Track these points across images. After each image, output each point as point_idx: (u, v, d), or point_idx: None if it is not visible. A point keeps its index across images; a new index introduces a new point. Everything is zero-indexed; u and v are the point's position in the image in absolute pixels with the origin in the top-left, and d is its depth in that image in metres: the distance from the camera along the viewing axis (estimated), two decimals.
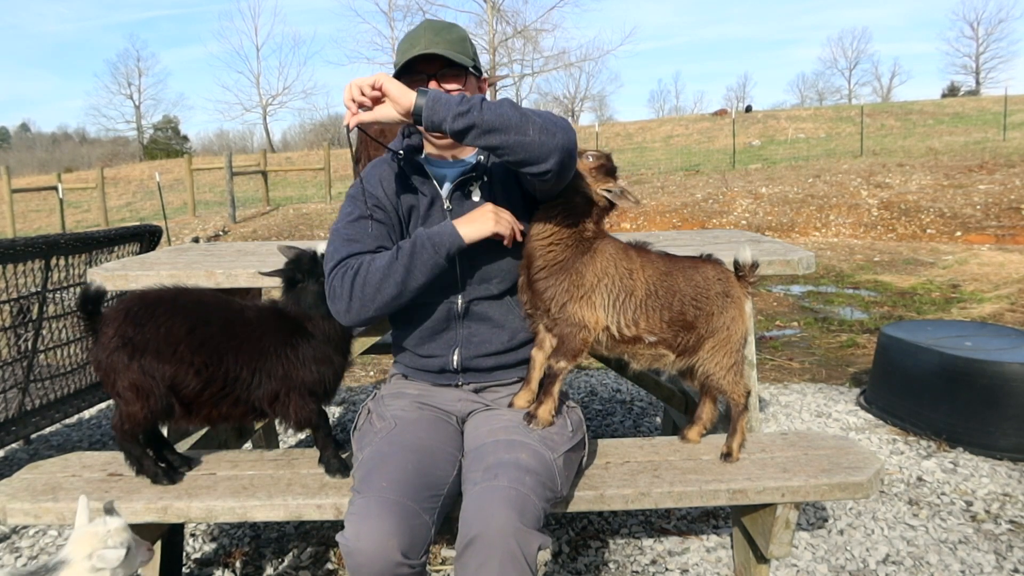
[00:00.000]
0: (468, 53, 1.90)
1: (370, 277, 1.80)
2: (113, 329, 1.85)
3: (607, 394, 4.34)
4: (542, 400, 1.91)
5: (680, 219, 13.24)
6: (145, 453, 2.00)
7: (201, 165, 21.87)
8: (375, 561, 1.53)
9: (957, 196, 12.70)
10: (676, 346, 2.02)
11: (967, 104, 31.91)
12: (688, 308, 1.99)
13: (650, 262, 1.99)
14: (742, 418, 2.11)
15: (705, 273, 2.04)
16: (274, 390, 1.95)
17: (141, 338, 1.84)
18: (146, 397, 1.86)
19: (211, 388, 1.89)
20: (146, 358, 1.84)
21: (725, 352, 2.06)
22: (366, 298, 1.81)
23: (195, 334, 1.87)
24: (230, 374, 1.90)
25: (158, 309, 1.88)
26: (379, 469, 1.69)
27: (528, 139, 1.59)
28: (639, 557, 2.54)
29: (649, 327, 1.96)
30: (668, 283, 1.98)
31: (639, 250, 2.01)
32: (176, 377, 1.86)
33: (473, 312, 1.95)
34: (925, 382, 3.55)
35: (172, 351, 1.85)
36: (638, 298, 1.94)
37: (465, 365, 1.98)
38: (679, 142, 27.55)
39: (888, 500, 2.91)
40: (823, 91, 66.68)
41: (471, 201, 1.93)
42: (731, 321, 2.04)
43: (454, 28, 1.90)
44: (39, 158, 52.37)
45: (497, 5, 29.39)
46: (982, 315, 6.05)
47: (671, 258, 2.05)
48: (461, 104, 1.56)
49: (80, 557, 1.59)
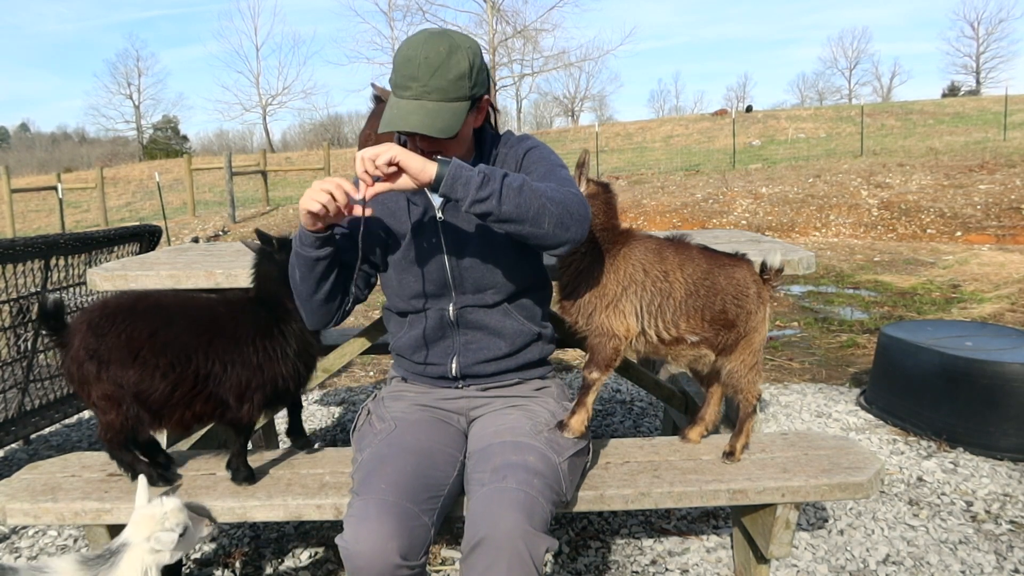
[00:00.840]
0: (465, 91, 1.71)
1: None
2: (78, 341, 1.85)
3: (607, 394, 4.34)
4: (575, 410, 1.89)
5: (680, 219, 13.24)
6: (137, 458, 1.99)
7: (201, 165, 21.87)
8: (374, 563, 1.52)
9: (957, 196, 12.70)
10: (717, 344, 2.00)
11: (967, 104, 31.91)
12: (730, 306, 1.96)
13: (690, 260, 1.95)
14: (750, 420, 2.11)
15: (742, 271, 2.02)
16: (246, 380, 1.94)
17: (104, 348, 1.84)
18: (119, 405, 1.87)
19: (181, 388, 1.89)
20: (111, 368, 1.84)
21: (749, 351, 2.05)
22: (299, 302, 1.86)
23: (157, 337, 1.87)
24: (201, 371, 1.90)
25: (118, 317, 1.87)
26: (378, 471, 1.68)
27: (542, 231, 1.61)
28: (639, 557, 2.54)
29: (691, 327, 1.94)
30: (710, 281, 1.94)
31: (677, 247, 1.96)
32: (142, 383, 1.86)
33: (467, 320, 1.93)
34: (925, 382, 3.55)
35: (134, 357, 1.84)
36: (677, 299, 1.90)
37: (464, 372, 1.97)
38: (679, 142, 27.55)
39: (888, 500, 2.91)
40: (823, 91, 66.77)
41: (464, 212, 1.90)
42: (760, 322, 2.03)
43: (452, 60, 1.67)
44: (38, 158, 52.38)
45: (497, 5, 29.39)
46: (982, 315, 6.05)
47: (712, 255, 2.01)
48: (482, 189, 1.55)
49: (140, 539, 1.64)
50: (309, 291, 1.81)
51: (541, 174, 1.82)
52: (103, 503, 1.92)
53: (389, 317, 2.04)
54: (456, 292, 1.91)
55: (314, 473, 2.06)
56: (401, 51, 1.71)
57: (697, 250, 1.99)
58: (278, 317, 2.01)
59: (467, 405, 1.99)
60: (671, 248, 1.96)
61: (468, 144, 1.88)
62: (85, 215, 20.99)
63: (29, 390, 2.93)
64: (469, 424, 1.98)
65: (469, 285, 1.90)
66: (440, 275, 1.89)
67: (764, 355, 5.00)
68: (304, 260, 1.75)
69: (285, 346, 2.00)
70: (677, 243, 1.99)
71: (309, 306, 1.85)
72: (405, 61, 1.69)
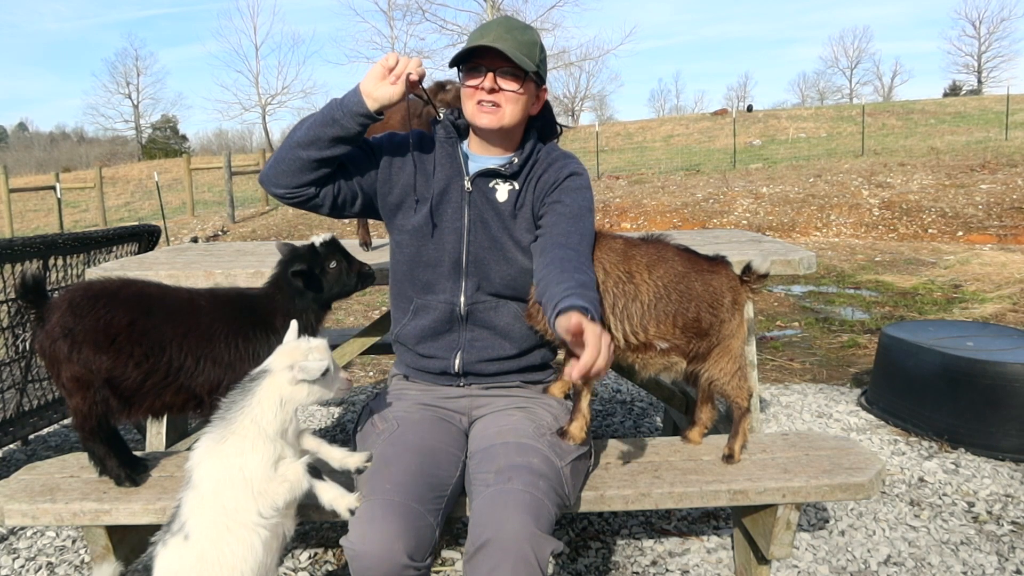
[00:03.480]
0: (535, 58, 1.84)
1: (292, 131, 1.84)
2: (56, 318, 1.84)
3: (607, 394, 4.33)
4: (573, 418, 1.86)
5: (680, 219, 13.23)
6: (109, 453, 1.98)
7: (200, 165, 21.88)
8: (381, 564, 1.52)
9: (959, 196, 12.69)
10: (688, 352, 1.94)
11: (969, 103, 31.89)
12: (705, 314, 1.89)
13: (662, 261, 1.87)
14: (744, 420, 2.10)
15: (719, 278, 1.96)
16: (218, 378, 1.92)
17: (80, 329, 1.83)
18: (86, 388, 1.85)
19: (153, 378, 1.88)
20: (84, 350, 1.83)
21: (729, 359, 2.01)
22: (281, 146, 1.84)
23: (135, 326, 1.86)
24: (173, 363, 1.88)
25: (99, 301, 1.86)
26: (383, 472, 1.68)
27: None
28: (639, 558, 2.53)
29: (660, 333, 1.85)
30: (684, 286, 1.86)
31: (650, 248, 1.90)
32: (114, 370, 1.84)
33: (476, 316, 1.93)
34: (927, 383, 3.54)
35: (110, 343, 1.83)
36: (644, 302, 1.83)
37: (467, 369, 1.96)
38: (679, 142, 27.53)
39: (889, 501, 2.90)
40: (824, 90, 66.68)
41: (495, 195, 1.90)
42: (736, 328, 2.00)
43: (528, 31, 1.85)
44: (37, 158, 52.34)
45: (497, 4, 29.38)
46: (984, 315, 6.04)
47: (690, 258, 1.93)
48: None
49: (281, 367, 1.63)
50: (305, 156, 1.78)
51: (570, 214, 1.84)
52: (101, 504, 1.91)
53: (396, 304, 2.04)
54: (468, 286, 1.91)
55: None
56: (478, 26, 1.87)
57: (673, 251, 1.92)
58: (264, 322, 1.98)
59: (469, 404, 1.98)
60: (641, 249, 1.89)
61: (522, 121, 1.90)
62: (84, 215, 20.98)
63: (27, 390, 2.93)
64: (471, 424, 1.97)
65: (481, 280, 1.90)
66: (456, 252, 1.89)
67: (765, 355, 5.00)
68: (329, 123, 1.76)
69: (259, 349, 1.95)
70: (651, 243, 1.91)
71: (288, 157, 1.80)
72: (481, 27, 1.84)
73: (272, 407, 1.62)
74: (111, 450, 1.98)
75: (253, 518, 1.58)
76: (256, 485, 1.58)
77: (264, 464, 1.60)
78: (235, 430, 1.61)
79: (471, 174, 1.91)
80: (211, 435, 1.64)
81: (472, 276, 1.91)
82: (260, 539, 1.59)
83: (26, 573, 2.52)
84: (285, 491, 1.61)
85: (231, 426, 1.62)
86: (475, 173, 1.91)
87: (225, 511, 1.58)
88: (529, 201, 1.91)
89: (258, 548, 1.59)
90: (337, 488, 1.65)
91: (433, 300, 1.93)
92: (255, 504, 1.58)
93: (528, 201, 1.91)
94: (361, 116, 1.75)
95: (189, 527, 1.58)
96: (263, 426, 1.61)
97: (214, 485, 1.59)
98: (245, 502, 1.58)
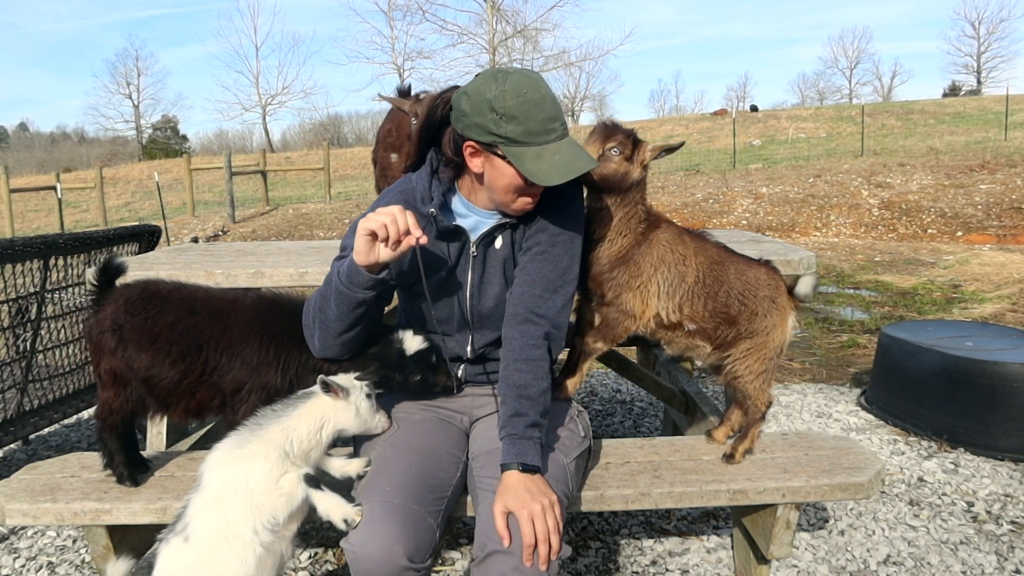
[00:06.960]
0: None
1: (312, 306, 1.80)
2: (110, 310, 1.86)
3: (607, 394, 4.34)
4: (571, 373, 1.96)
5: (680, 219, 13.24)
6: (120, 450, 1.98)
7: (200, 165, 21.86)
8: (381, 566, 1.51)
9: (958, 196, 12.70)
10: (715, 338, 2.01)
11: (968, 104, 31.89)
12: (733, 302, 1.97)
13: (703, 249, 1.99)
14: (756, 426, 2.10)
15: (757, 273, 2.02)
16: (242, 379, 1.89)
17: (129, 327, 1.84)
18: (122, 385, 1.87)
19: (189, 378, 1.87)
20: (129, 348, 1.84)
21: (758, 357, 2.02)
22: (320, 333, 1.80)
23: (176, 326, 1.86)
24: (209, 362, 1.88)
25: (152, 302, 1.87)
26: (383, 473, 1.68)
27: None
28: (639, 558, 2.53)
29: (691, 314, 1.96)
30: (717, 272, 1.97)
31: (695, 236, 2.02)
32: (152, 369, 1.85)
33: (484, 357, 1.95)
34: (926, 382, 3.54)
35: (151, 343, 1.84)
36: (687, 284, 1.94)
37: (469, 380, 1.99)
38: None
39: (889, 501, 2.90)
40: (824, 91, 66.68)
41: (494, 248, 1.85)
42: (772, 327, 2.01)
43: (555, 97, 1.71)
44: (37, 158, 52.32)
45: (497, 5, 29.35)
46: (983, 315, 6.04)
47: (726, 251, 2.04)
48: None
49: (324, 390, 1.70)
50: (341, 328, 1.75)
51: (552, 274, 1.79)
52: (102, 503, 1.91)
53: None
54: (475, 331, 1.90)
55: None
56: (523, 97, 1.63)
57: (713, 244, 2.03)
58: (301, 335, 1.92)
59: (470, 404, 1.99)
60: (689, 235, 2.01)
61: None
62: (84, 215, 20.99)
63: (28, 390, 2.93)
64: (472, 424, 1.97)
65: (489, 322, 1.89)
66: (461, 313, 1.88)
67: None
68: (347, 299, 1.70)
69: (289, 360, 1.91)
70: (695, 234, 2.03)
71: (331, 339, 1.78)
72: (537, 104, 1.64)
73: (311, 425, 1.65)
74: (122, 447, 1.99)
75: (249, 533, 1.58)
76: (256, 497, 1.59)
77: (269, 475, 1.61)
78: (260, 436, 1.62)
79: (475, 240, 1.84)
80: (233, 439, 1.64)
81: (479, 328, 1.91)
82: (254, 555, 1.59)
83: (27, 573, 2.52)
84: (282, 504, 1.61)
85: (258, 432, 1.63)
86: (478, 239, 1.84)
87: (226, 521, 1.58)
88: (519, 239, 1.87)
89: (251, 564, 1.59)
90: (335, 498, 1.64)
91: (440, 337, 1.93)
92: (252, 518, 1.59)
93: (519, 239, 1.87)
94: (370, 283, 1.68)
95: (191, 529, 1.59)
96: (293, 440, 1.63)
97: (219, 491, 1.60)
98: (243, 513, 1.59)
